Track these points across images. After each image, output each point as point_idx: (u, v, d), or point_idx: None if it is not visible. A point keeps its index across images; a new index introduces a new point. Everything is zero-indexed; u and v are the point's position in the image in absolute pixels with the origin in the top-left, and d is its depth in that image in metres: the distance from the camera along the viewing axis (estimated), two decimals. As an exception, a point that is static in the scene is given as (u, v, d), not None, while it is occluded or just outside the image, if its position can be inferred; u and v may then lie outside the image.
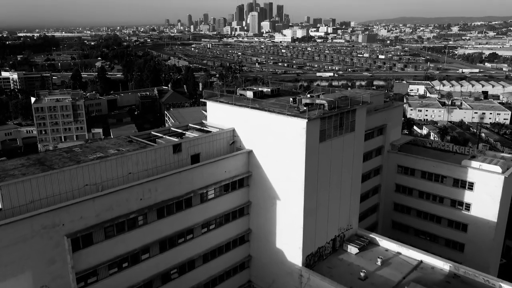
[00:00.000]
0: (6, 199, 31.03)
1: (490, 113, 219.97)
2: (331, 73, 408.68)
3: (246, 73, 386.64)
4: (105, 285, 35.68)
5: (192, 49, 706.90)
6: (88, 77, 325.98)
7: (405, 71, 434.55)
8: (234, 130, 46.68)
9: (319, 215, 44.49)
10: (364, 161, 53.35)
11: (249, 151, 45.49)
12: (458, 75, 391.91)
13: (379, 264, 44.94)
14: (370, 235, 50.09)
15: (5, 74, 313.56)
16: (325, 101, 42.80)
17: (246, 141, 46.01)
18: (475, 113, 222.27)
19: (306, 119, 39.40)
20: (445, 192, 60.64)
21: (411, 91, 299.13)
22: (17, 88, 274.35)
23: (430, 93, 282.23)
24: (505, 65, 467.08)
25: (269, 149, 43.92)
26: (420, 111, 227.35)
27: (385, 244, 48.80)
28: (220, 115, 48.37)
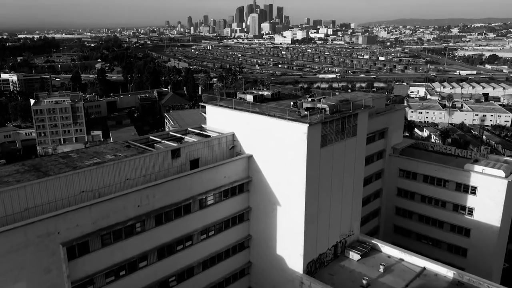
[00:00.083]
0: (-1, 206, 30.27)
1: (491, 115, 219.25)
2: (333, 74, 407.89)
3: (246, 74, 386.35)
4: (102, 293, 34.89)
5: (192, 50, 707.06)
6: (88, 79, 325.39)
7: (405, 73, 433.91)
8: (234, 135, 45.96)
9: (320, 221, 43.72)
10: (366, 165, 52.62)
11: (249, 156, 44.74)
12: (457, 77, 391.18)
13: (381, 271, 44.12)
14: (372, 241, 49.30)
15: (4, 76, 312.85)
16: (326, 105, 42.06)
17: (246, 145, 45.27)
18: (476, 115, 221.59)
19: (307, 124, 38.67)
20: (448, 197, 59.92)
21: (411, 93, 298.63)
22: (17, 90, 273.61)
23: (430, 95, 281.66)
24: (505, 66, 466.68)
25: (269, 154, 43.16)
26: (421, 113, 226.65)
27: (388, 250, 48.00)
28: (219, 119, 47.64)
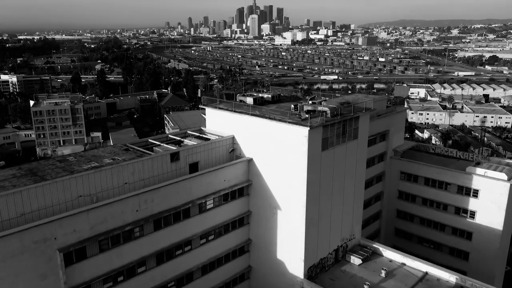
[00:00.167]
0: (-5, 212, 29.75)
1: (492, 117, 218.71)
2: (335, 76, 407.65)
3: (246, 75, 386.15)
4: (99, 300, 34.35)
5: (192, 51, 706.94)
6: (88, 80, 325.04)
7: (405, 74, 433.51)
8: (233, 138, 45.46)
9: (321, 225, 43.21)
10: (367, 167, 52.09)
11: (249, 159, 44.24)
12: (456, 78, 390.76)
13: (383, 276, 43.56)
14: (374, 245, 48.74)
15: (4, 77, 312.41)
16: (327, 108, 41.58)
17: (246, 149, 44.77)
18: (476, 116, 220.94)
19: (308, 127, 38.17)
20: (449, 200, 59.41)
21: (411, 94, 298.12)
22: (16, 91, 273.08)
23: (431, 96, 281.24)
24: (505, 68, 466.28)
25: (269, 158, 42.67)
26: (421, 115, 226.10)
27: (389, 254, 47.45)
28: (219, 122, 47.16)
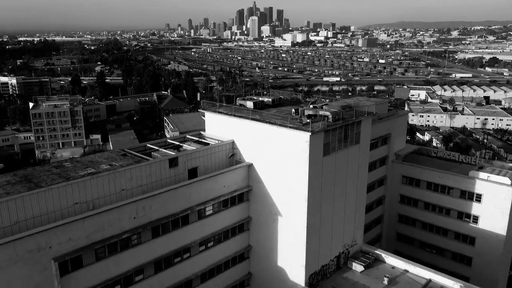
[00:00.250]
0: (-12, 220, 28.97)
1: (493, 119, 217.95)
2: (337, 78, 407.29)
3: (246, 77, 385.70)
4: (96, 309, 33.50)
5: (192, 53, 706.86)
6: (88, 82, 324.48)
7: (405, 76, 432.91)
8: (233, 142, 44.70)
9: (323, 231, 42.42)
10: (368, 171, 51.42)
11: (249, 165, 43.45)
12: (455, 79, 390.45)
13: (385, 283, 42.74)
14: (376, 251, 47.92)
15: (3, 79, 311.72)
16: (329, 113, 40.82)
17: (246, 153, 43.99)
18: (477, 118, 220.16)
19: (310, 132, 37.41)
20: (452, 204, 58.68)
21: (412, 96, 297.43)
22: (16, 93, 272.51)
23: (431, 98, 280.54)
24: (505, 69, 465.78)
25: (270, 163, 41.89)
26: (422, 117, 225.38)
27: (392, 261, 46.63)
28: (219, 126, 46.39)
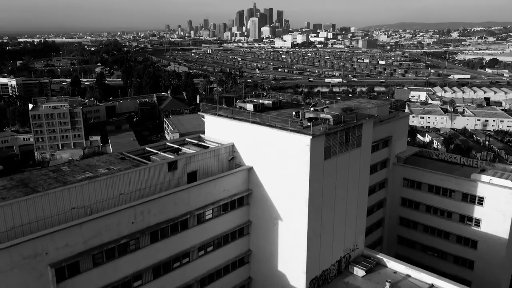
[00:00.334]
0: (-17, 226, 28.47)
1: (493, 120, 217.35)
2: (339, 79, 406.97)
3: (247, 78, 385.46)
4: (93, 316, 32.97)
5: (192, 54, 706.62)
6: (87, 83, 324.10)
7: (406, 77, 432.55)
8: (233, 145, 44.20)
9: (323, 235, 41.92)
10: (369, 174, 51.00)
11: (250, 168, 42.96)
12: (453, 80, 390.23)
13: (387, 288, 42.24)
14: (377, 255, 47.42)
15: (3, 80, 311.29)
16: (330, 116, 40.32)
17: (246, 157, 43.50)
18: (478, 120, 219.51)
19: (310, 136, 36.93)
20: (454, 207, 58.19)
21: (412, 97, 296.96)
22: (15, 95, 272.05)
23: (431, 99, 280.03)
24: (506, 70, 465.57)
25: (270, 166, 41.39)
26: (422, 118, 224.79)
27: (394, 265, 46.11)
28: (218, 129, 45.90)
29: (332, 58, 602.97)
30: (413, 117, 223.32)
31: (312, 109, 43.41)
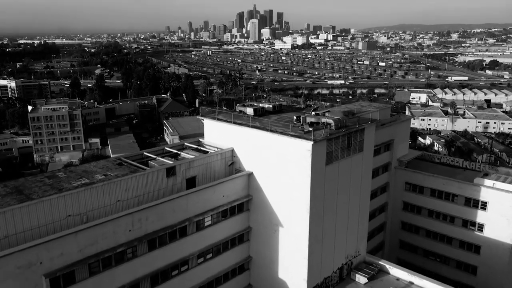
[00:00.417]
0: (-24, 235, 27.69)
1: (494, 122, 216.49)
2: (342, 80, 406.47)
3: (248, 79, 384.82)
4: (89, 326, 32.13)
5: (192, 56, 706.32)
6: (87, 85, 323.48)
7: (406, 79, 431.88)
8: (233, 150, 43.44)
9: (325, 242, 41.13)
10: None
11: (250, 173, 42.18)
12: (452, 82, 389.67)
13: (390, 296, 41.49)
14: (380, 262, 46.61)
15: (2, 82, 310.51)
16: (331, 120, 39.58)
17: (246, 162, 42.73)
18: (479, 122, 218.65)
19: (312, 141, 36.18)
20: (456, 212, 57.51)
21: (412, 99, 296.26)
22: (15, 96, 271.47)
23: (432, 101, 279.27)
24: (506, 72, 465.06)
25: (271, 171, 40.62)
26: (423, 120, 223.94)
27: (396, 272, 45.29)
28: (218, 133, 45.16)
29: (332, 59, 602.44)
30: (414, 119, 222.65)
31: (313, 113, 42.69)
